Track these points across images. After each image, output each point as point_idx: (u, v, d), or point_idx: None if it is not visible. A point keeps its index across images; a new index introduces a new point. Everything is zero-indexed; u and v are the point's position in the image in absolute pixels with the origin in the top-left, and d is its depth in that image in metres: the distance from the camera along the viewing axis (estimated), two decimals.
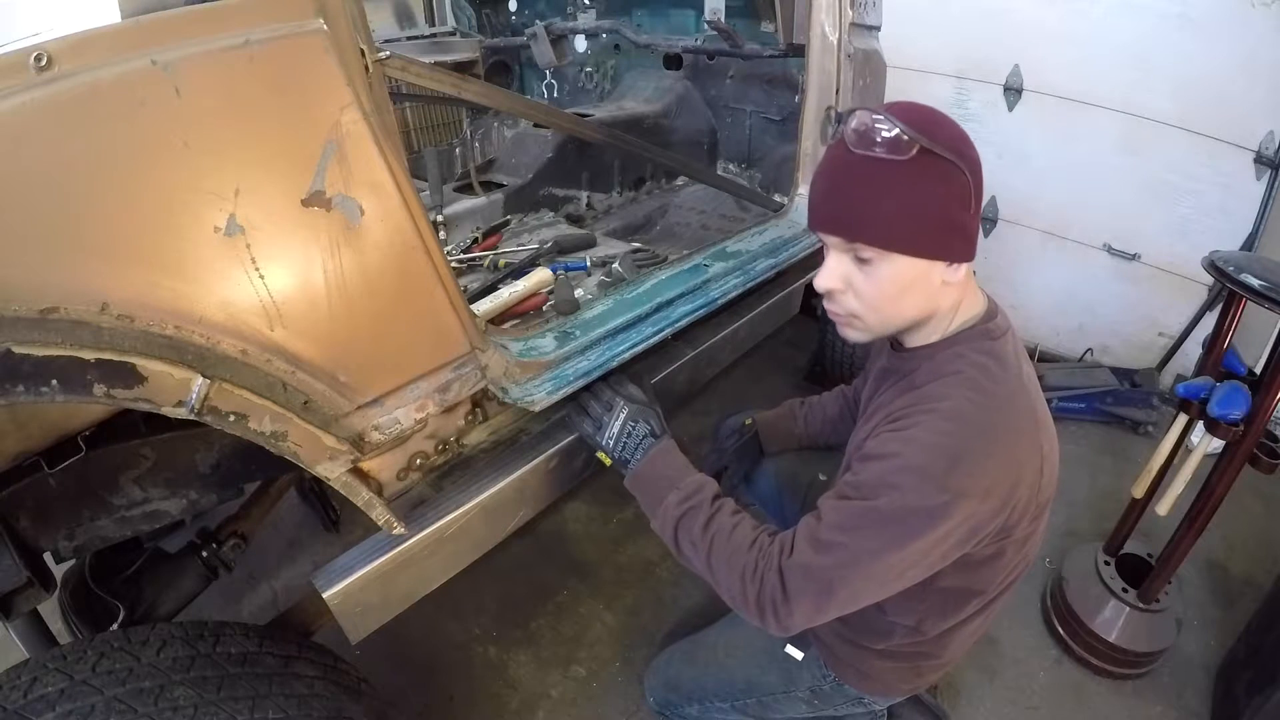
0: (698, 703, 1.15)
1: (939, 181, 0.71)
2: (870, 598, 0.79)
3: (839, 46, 1.56)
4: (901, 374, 0.85)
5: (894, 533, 0.72)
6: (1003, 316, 0.84)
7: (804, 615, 0.78)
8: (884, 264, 0.75)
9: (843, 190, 0.74)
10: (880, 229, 0.73)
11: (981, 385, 0.75)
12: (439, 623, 1.64)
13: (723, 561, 0.84)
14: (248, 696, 0.78)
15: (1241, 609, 1.63)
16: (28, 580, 0.81)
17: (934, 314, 0.80)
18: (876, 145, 0.70)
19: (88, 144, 0.57)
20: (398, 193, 0.76)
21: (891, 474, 0.73)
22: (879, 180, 0.71)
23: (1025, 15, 2.42)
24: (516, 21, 2.53)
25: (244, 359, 0.69)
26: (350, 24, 0.72)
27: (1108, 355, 2.60)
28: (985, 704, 1.47)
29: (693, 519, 0.88)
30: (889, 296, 0.77)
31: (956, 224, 0.73)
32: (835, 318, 0.84)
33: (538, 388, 1.05)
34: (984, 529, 0.74)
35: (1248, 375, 1.33)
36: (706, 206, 2.14)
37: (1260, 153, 2.10)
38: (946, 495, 0.70)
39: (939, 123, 0.72)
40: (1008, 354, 0.80)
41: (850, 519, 0.76)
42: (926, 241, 0.73)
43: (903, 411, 0.78)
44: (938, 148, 0.70)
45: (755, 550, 0.82)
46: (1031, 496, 0.77)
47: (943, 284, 0.77)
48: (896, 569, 0.75)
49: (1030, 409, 0.77)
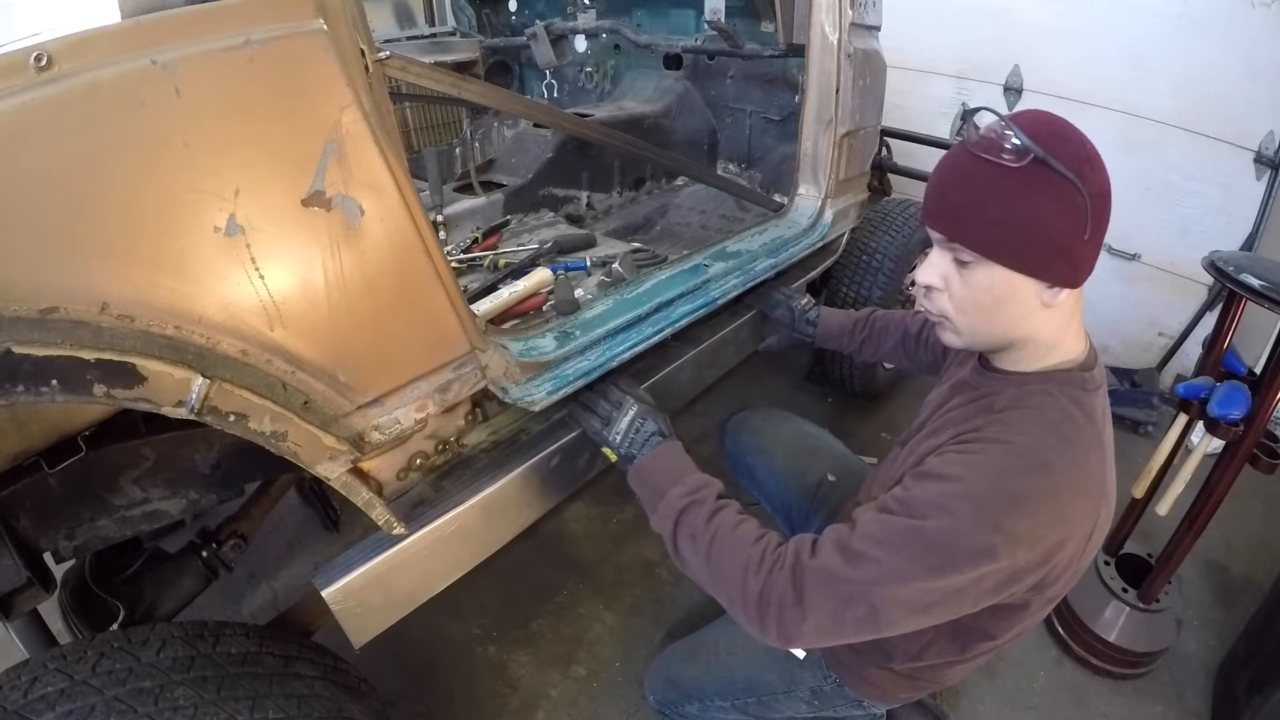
0: (698, 701, 1.15)
1: (1051, 198, 0.68)
2: (887, 625, 0.72)
3: (839, 46, 1.56)
4: (982, 393, 0.81)
5: (933, 560, 0.68)
6: (1100, 370, 0.79)
7: (815, 625, 0.73)
8: (980, 270, 0.72)
9: (953, 188, 0.73)
10: (980, 233, 0.71)
11: (1063, 432, 0.71)
12: (439, 623, 1.64)
13: (724, 553, 0.79)
14: (248, 696, 0.78)
15: (1241, 609, 1.63)
16: (28, 580, 0.81)
17: (1029, 339, 0.76)
18: (993, 149, 0.69)
19: (88, 144, 0.57)
20: (398, 193, 0.76)
21: (948, 498, 0.69)
22: (988, 184, 0.69)
23: (1025, 15, 2.43)
24: (516, 21, 2.53)
25: (244, 359, 0.69)
26: (350, 24, 0.72)
27: (1108, 355, 2.60)
28: (985, 704, 1.47)
29: (695, 512, 0.85)
30: (982, 307, 0.74)
31: (1062, 245, 0.69)
32: (929, 316, 0.81)
33: (538, 388, 1.05)
34: (1020, 581, 0.70)
35: (1248, 375, 1.33)
36: (706, 206, 2.14)
37: (1260, 153, 2.10)
38: (998, 536, 0.66)
39: (1067, 138, 0.69)
40: (1096, 410, 0.75)
41: (890, 534, 0.71)
42: (1027, 256, 0.70)
43: (974, 435, 0.74)
44: (1055, 162, 0.66)
45: (762, 545, 0.78)
46: (1074, 559, 0.73)
47: (1042, 306, 0.73)
48: (923, 601, 0.70)
49: (1100, 474, 0.73)
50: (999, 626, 0.83)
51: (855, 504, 1.04)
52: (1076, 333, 0.79)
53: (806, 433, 1.44)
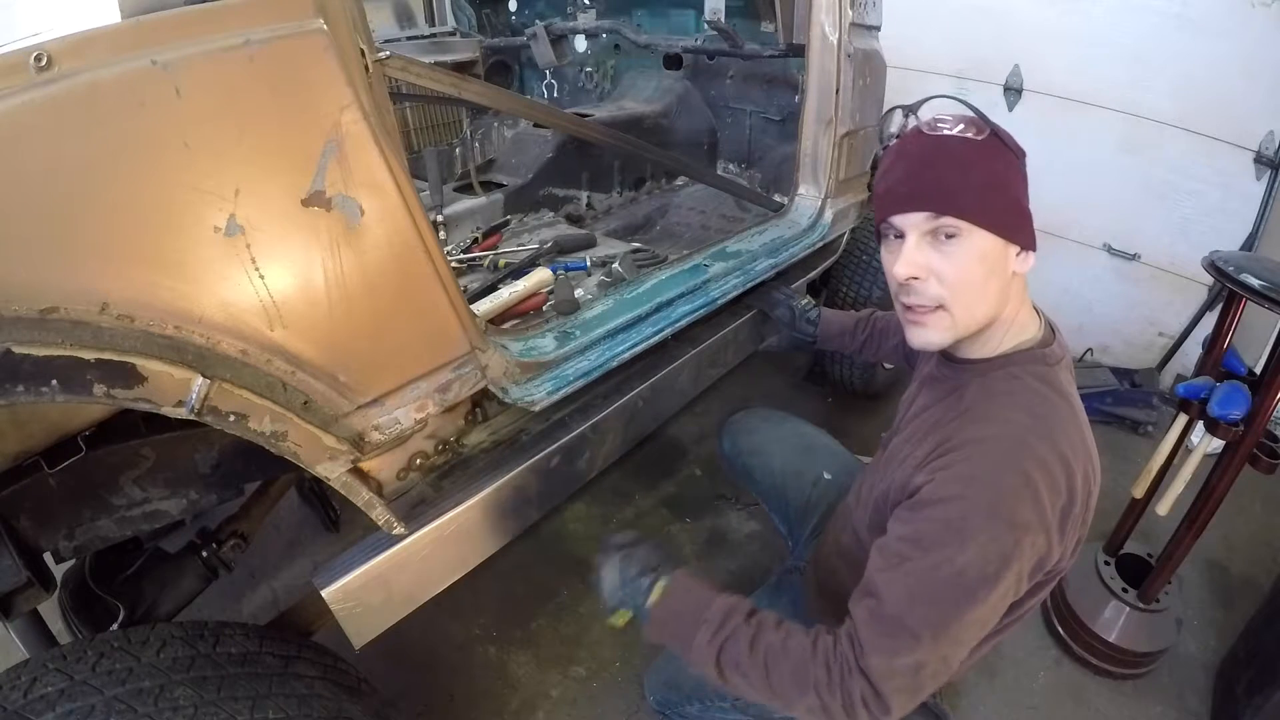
0: (698, 701, 1.15)
1: (1008, 165, 0.75)
2: (960, 658, 0.72)
3: (839, 46, 1.56)
4: (949, 387, 0.82)
5: (974, 589, 0.67)
6: (1059, 345, 0.81)
7: (900, 704, 0.71)
8: (968, 240, 0.73)
9: (929, 167, 0.74)
10: (971, 199, 0.72)
11: (1035, 409, 0.73)
12: (439, 623, 1.64)
13: (788, 683, 0.75)
14: (248, 696, 0.78)
15: (1241, 609, 1.63)
16: (28, 580, 0.82)
17: (999, 316, 0.78)
18: (958, 125, 0.74)
19: (88, 144, 0.57)
20: (398, 193, 0.76)
21: (958, 520, 0.69)
22: (966, 155, 0.73)
23: (1025, 15, 2.42)
24: (516, 21, 2.53)
25: (244, 359, 0.69)
26: (350, 24, 0.72)
27: (1108, 355, 2.60)
28: (985, 704, 1.47)
29: (734, 649, 0.78)
30: (975, 277, 0.74)
31: (1025, 209, 0.76)
32: (915, 315, 0.78)
33: (538, 388, 1.05)
34: (1049, 562, 0.72)
35: (1248, 375, 1.33)
36: (706, 206, 2.14)
37: (1260, 152, 2.10)
38: (1016, 532, 0.67)
39: (981, 114, 0.77)
40: (1062, 383, 0.77)
41: (922, 587, 0.69)
42: (1008, 219, 0.74)
43: (952, 443, 0.74)
44: (1003, 136, 0.75)
45: (822, 657, 0.74)
46: (1077, 526, 0.74)
47: (1013, 276, 0.77)
48: (980, 622, 0.70)
49: (1081, 440, 0.74)
50: (1008, 611, 0.82)
51: (847, 505, 1.04)
52: (1030, 310, 0.82)
53: (803, 432, 1.44)
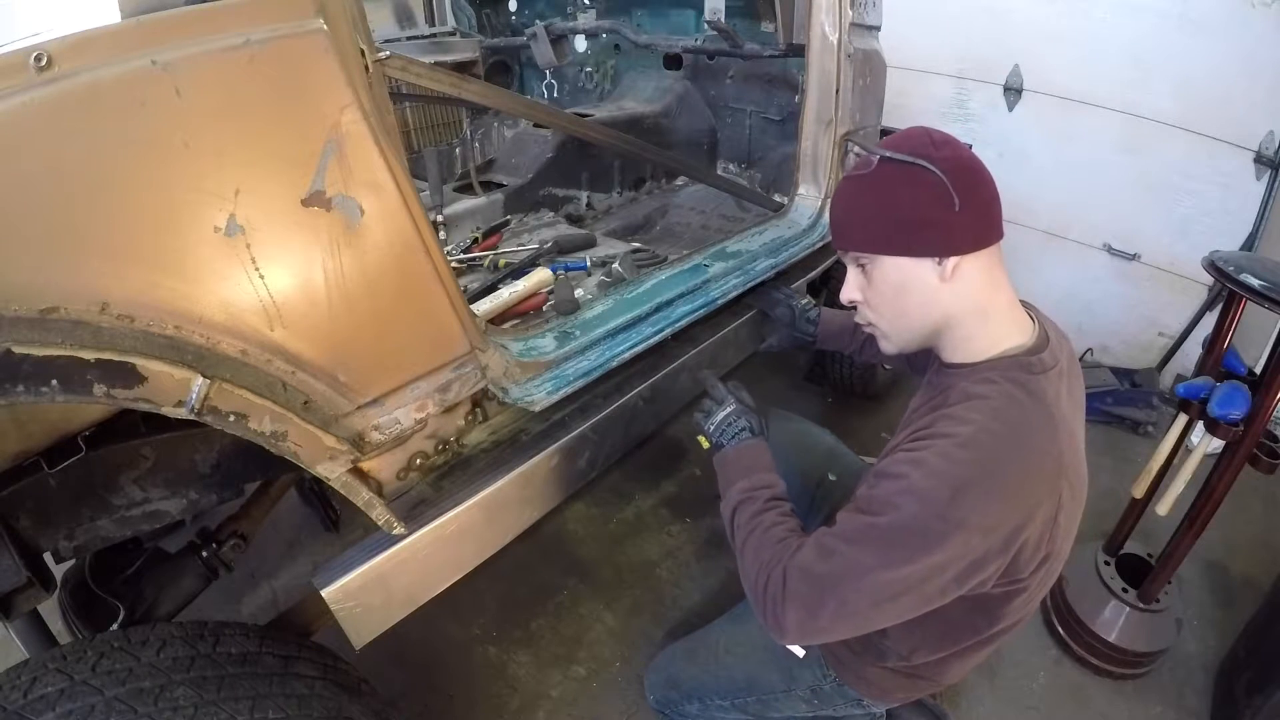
0: (698, 701, 1.15)
1: (904, 184, 0.78)
2: (861, 618, 0.76)
3: (839, 46, 1.56)
4: (938, 390, 0.84)
5: (889, 552, 0.72)
6: (1052, 354, 0.81)
7: (795, 619, 0.77)
8: (875, 268, 0.83)
9: (836, 209, 0.87)
10: (859, 233, 0.83)
11: (1007, 416, 0.73)
12: (439, 623, 1.64)
13: (752, 550, 0.86)
14: (248, 696, 0.78)
15: (1241, 609, 1.63)
16: (28, 580, 0.81)
17: (949, 322, 0.81)
18: (853, 169, 0.84)
19: (88, 144, 0.57)
20: (398, 193, 0.76)
21: (896, 495, 0.74)
22: (855, 193, 0.83)
23: (1025, 15, 2.42)
24: (516, 21, 2.53)
25: (244, 359, 0.69)
26: (350, 24, 0.72)
27: (1108, 355, 2.60)
28: (985, 704, 1.47)
29: (747, 507, 0.91)
30: (889, 298, 0.84)
31: (929, 220, 0.77)
32: (866, 329, 0.92)
33: (538, 388, 1.05)
34: (984, 569, 0.72)
35: (1248, 375, 1.33)
36: (706, 206, 2.14)
37: (1260, 153, 2.10)
38: (945, 524, 0.70)
39: (909, 136, 0.81)
40: (1044, 391, 0.77)
41: (854, 531, 0.76)
42: (901, 239, 0.79)
43: (923, 431, 0.77)
44: (898, 155, 0.78)
45: (779, 547, 0.83)
46: (1041, 542, 0.75)
47: (940, 283, 0.79)
48: (888, 591, 0.73)
49: (1055, 452, 0.74)
50: (982, 620, 0.85)
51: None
52: (1014, 317, 0.83)
53: (807, 433, 1.44)
